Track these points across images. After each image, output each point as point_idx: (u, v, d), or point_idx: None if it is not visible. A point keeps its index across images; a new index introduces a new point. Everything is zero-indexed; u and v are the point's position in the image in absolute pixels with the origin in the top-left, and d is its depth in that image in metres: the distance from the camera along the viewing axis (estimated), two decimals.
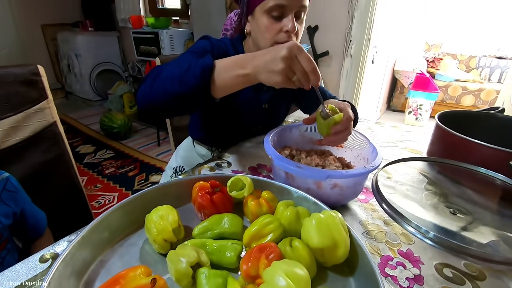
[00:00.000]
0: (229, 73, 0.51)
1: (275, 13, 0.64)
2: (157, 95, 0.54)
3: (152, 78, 0.55)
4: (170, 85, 0.52)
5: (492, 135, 0.67)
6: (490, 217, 0.50)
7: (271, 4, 0.63)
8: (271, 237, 0.41)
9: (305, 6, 0.66)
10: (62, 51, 3.55)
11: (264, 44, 0.69)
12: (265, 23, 0.66)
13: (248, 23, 0.72)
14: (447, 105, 3.39)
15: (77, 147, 2.52)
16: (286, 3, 0.63)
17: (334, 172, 0.46)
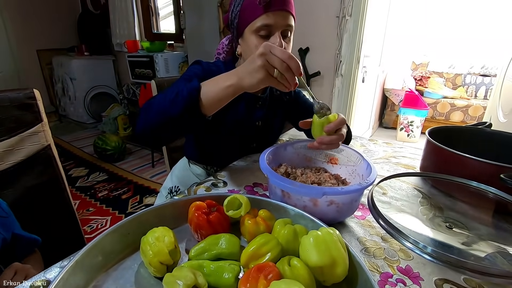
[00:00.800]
0: (215, 88, 0.54)
1: (263, 32, 0.69)
2: (152, 123, 0.57)
3: (144, 109, 0.59)
4: (163, 111, 0.55)
5: (481, 149, 0.69)
6: (486, 230, 0.50)
7: (259, 24, 0.68)
8: (269, 256, 0.40)
9: (291, 26, 0.71)
10: (57, 75, 3.58)
11: None
12: (254, 42, 0.70)
13: (239, 45, 0.76)
14: (437, 121, 3.47)
15: (70, 171, 2.49)
16: (273, 22, 0.67)
17: (330, 189, 0.46)
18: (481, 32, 3.58)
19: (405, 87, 3.51)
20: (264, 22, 0.67)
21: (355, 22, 1.97)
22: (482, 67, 3.64)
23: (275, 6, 0.66)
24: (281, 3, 0.67)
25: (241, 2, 0.70)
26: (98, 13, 3.63)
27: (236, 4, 0.71)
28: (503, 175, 0.52)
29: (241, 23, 0.71)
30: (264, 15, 0.67)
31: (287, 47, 0.72)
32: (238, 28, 0.73)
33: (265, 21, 0.67)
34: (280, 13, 0.67)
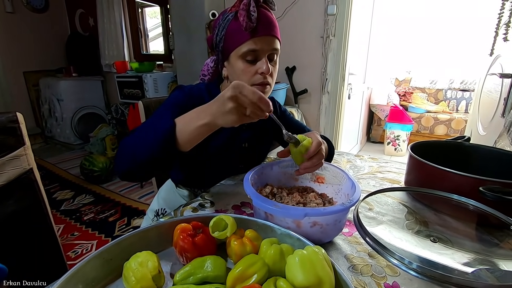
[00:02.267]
0: (190, 127, 0.54)
1: (249, 57, 0.69)
2: (130, 164, 0.57)
3: (120, 151, 0.59)
4: (139, 154, 0.55)
5: (462, 162, 0.71)
6: (469, 243, 0.51)
7: (245, 49, 0.68)
8: (255, 278, 0.40)
9: (277, 49, 0.72)
10: (44, 96, 3.54)
11: None
12: (241, 67, 0.70)
13: (225, 68, 0.76)
14: (422, 135, 3.57)
15: (54, 193, 2.41)
16: (259, 47, 0.68)
17: (312, 210, 0.46)
18: (459, 50, 3.78)
19: (390, 102, 3.62)
20: (250, 47, 0.67)
21: (338, 41, 2.05)
22: (461, 82, 3.81)
23: (261, 32, 0.67)
24: (267, 29, 0.68)
25: (226, 26, 0.70)
26: (87, 35, 3.67)
27: (221, 27, 0.71)
28: (482, 187, 0.53)
29: (227, 47, 0.71)
30: (250, 41, 0.67)
31: (274, 70, 0.73)
32: (223, 51, 0.73)
33: (251, 47, 0.67)
34: (266, 38, 0.68)
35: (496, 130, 1.36)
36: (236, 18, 0.68)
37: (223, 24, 0.71)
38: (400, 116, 3.23)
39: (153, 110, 1.05)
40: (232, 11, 0.69)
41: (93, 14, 3.42)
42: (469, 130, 2.02)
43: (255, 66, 0.70)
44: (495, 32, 1.56)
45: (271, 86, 0.75)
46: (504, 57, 1.52)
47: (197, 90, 0.79)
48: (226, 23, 0.70)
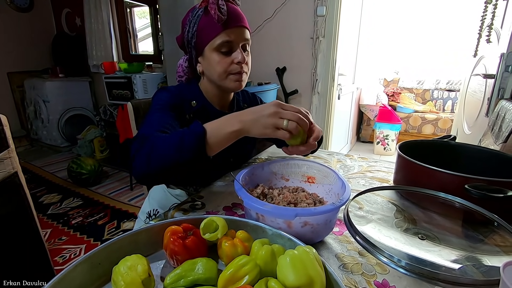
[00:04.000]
0: (220, 133, 0.56)
1: (224, 49, 0.72)
2: (157, 167, 0.55)
3: (146, 151, 0.56)
4: (169, 157, 0.55)
5: (448, 160, 0.72)
6: (456, 240, 0.52)
7: (219, 41, 0.70)
8: (247, 279, 0.40)
9: (248, 39, 0.76)
10: (29, 98, 3.45)
11: (218, 77, 0.75)
12: (217, 59, 0.73)
13: (199, 64, 0.78)
14: (410, 134, 3.64)
15: (41, 197, 2.35)
16: (232, 38, 0.71)
17: (302, 210, 0.46)
18: (445, 51, 3.87)
19: (379, 102, 3.68)
20: (224, 39, 0.70)
21: (328, 42, 2.07)
22: (447, 83, 3.90)
23: (233, 23, 0.70)
24: (237, 19, 0.71)
25: (197, 21, 0.72)
26: (73, 35, 3.59)
27: (192, 24, 0.73)
28: (467, 185, 0.55)
29: (200, 42, 0.73)
30: (223, 33, 0.70)
31: (248, 59, 0.77)
32: (196, 47, 0.75)
33: (225, 38, 0.70)
34: (238, 29, 0.71)
35: (481, 129, 1.40)
36: (206, 13, 0.70)
37: (194, 20, 0.73)
38: (389, 116, 3.29)
39: (142, 111, 1.04)
40: (202, 6, 0.71)
41: (80, 13, 3.35)
42: (455, 129, 2.07)
43: (230, 57, 0.73)
44: (478, 34, 1.60)
45: (247, 74, 0.79)
46: (487, 58, 1.57)
47: (180, 90, 0.80)
48: (197, 19, 0.72)
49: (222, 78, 0.75)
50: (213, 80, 0.78)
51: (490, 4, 1.47)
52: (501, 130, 1.05)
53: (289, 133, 0.54)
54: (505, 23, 1.36)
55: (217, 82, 0.77)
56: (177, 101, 0.76)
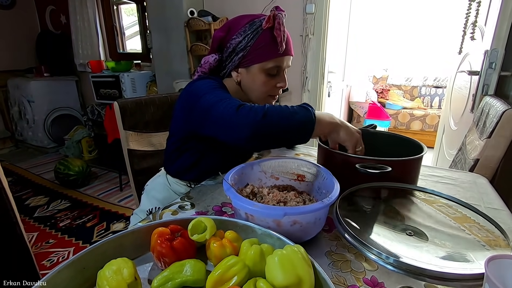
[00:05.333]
0: (324, 122, 0.64)
1: (273, 72, 0.76)
2: (271, 127, 0.60)
3: (262, 113, 0.59)
4: (285, 119, 0.60)
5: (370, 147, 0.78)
6: (443, 235, 0.53)
7: (271, 65, 0.74)
8: (235, 280, 0.39)
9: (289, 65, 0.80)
10: (13, 98, 3.36)
11: (258, 95, 0.80)
12: (263, 80, 0.76)
13: (238, 74, 0.79)
14: (399, 130, 3.69)
15: (27, 200, 2.29)
16: (283, 64, 0.76)
17: (291, 209, 0.46)
18: (432, 48, 3.94)
19: (369, 99, 3.72)
20: (276, 64, 0.74)
21: (317, 40, 2.08)
22: (434, 79, 3.97)
23: (288, 52, 0.75)
24: (291, 48, 0.77)
25: (255, 37, 0.73)
26: (58, 33, 3.50)
27: (248, 38, 0.73)
28: (358, 165, 0.62)
29: (251, 59, 0.74)
30: (277, 58, 0.73)
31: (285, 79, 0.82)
32: (244, 60, 0.75)
33: (277, 64, 0.74)
34: (288, 57, 0.76)
35: (466, 124, 1.43)
36: (267, 33, 0.72)
37: (251, 35, 0.73)
38: (378, 113, 3.33)
39: (130, 110, 1.02)
40: (266, 26, 0.71)
41: (64, 11, 3.26)
42: (442, 125, 2.11)
43: (274, 79, 0.77)
44: (463, 31, 1.63)
45: None
46: (472, 55, 1.60)
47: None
48: (255, 35, 0.73)
49: (261, 97, 0.80)
50: (248, 93, 0.81)
51: (474, 2, 1.50)
52: (485, 126, 1.07)
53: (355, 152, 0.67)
54: (489, 20, 1.39)
55: (252, 97, 0.81)
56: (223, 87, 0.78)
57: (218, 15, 2.27)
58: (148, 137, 1.09)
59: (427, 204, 0.63)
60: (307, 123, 0.61)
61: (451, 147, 1.77)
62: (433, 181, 0.84)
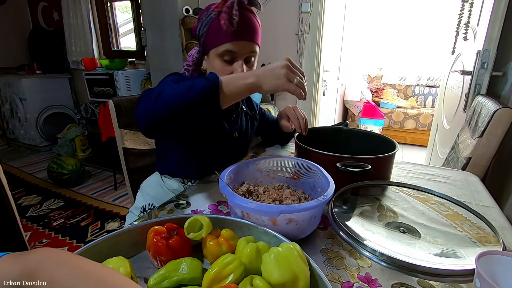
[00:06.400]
0: (235, 84, 0.59)
1: (227, 57, 0.72)
2: (165, 107, 0.57)
3: (153, 96, 0.57)
4: (179, 96, 0.56)
5: (343, 144, 0.84)
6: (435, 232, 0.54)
7: (222, 49, 0.70)
8: (232, 278, 0.40)
9: (255, 51, 0.74)
10: (4, 96, 3.30)
11: None
12: (218, 66, 0.73)
13: (205, 61, 0.78)
14: (393, 129, 3.72)
15: (20, 199, 2.26)
16: (236, 50, 0.70)
17: (287, 207, 0.47)
18: (425, 48, 3.97)
19: (363, 98, 3.74)
20: (228, 48, 0.70)
21: (313, 39, 2.09)
22: (428, 79, 4.02)
23: (241, 37, 0.69)
24: (247, 34, 0.70)
25: (208, 23, 0.71)
26: (51, 30, 3.45)
27: (204, 23, 0.72)
28: (338, 163, 0.63)
29: (207, 44, 0.73)
30: (228, 43, 0.69)
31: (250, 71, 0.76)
32: (204, 46, 0.75)
33: (229, 48, 0.70)
34: (244, 42, 0.71)
35: (459, 123, 1.45)
36: (218, 18, 0.69)
37: (206, 21, 0.72)
38: (372, 112, 3.36)
39: (125, 109, 1.01)
40: (215, 10, 0.70)
41: (57, 7, 3.21)
42: (435, 124, 2.14)
43: (231, 66, 0.73)
44: (456, 32, 1.65)
45: None
46: (464, 55, 1.62)
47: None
48: (209, 20, 0.71)
49: None
50: None
51: (466, 3, 1.52)
52: (477, 125, 1.09)
53: (298, 90, 0.59)
54: (481, 21, 1.41)
55: None
56: None
57: None
58: (143, 136, 1.08)
59: (420, 201, 0.64)
60: (207, 92, 0.56)
61: (444, 145, 1.80)
62: (426, 179, 0.85)
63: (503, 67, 1.34)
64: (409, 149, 3.46)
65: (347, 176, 0.63)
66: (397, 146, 0.73)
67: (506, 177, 1.13)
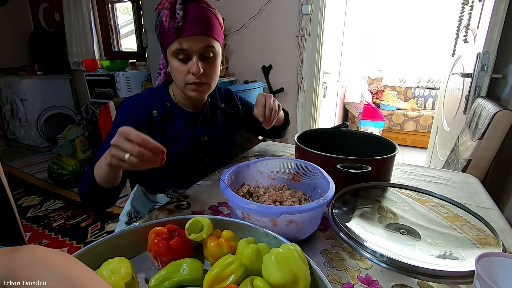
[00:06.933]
0: (101, 170, 0.57)
1: (181, 56, 0.68)
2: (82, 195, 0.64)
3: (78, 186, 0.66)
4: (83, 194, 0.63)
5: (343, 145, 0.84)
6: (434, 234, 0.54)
7: (173, 48, 0.67)
8: (232, 278, 0.40)
9: (212, 46, 0.69)
10: (4, 96, 3.31)
11: (178, 85, 0.73)
12: (175, 66, 0.70)
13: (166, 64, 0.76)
14: (393, 131, 3.73)
15: (20, 200, 2.26)
16: (187, 47, 0.66)
17: (288, 208, 0.47)
18: (425, 50, 3.98)
19: (363, 100, 3.75)
20: (178, 46, 0.66)
21: (313, 41, 2.09)
22: (428, 81, 4.02)
23: (188, 31, 0.65)
24: (195, 27, 0.65)
25: (159, 23, 0.68)
26: (52, 31, 3.46)
27: (157, 24, 0.69)
28: (339, 165, 0.63)
29: (162, 44, 0.71)
30: (176, 41, 0.66)
31: (210, 68, 0.71)
32: (161, 48, 0.73)
33: (178, 46, 0.66)
34: (194, 37, 0.66)
35: (459, 125, 1.45)
36: None
37: (158, 21, 0.69)
38: (373, 114, 3.36)
39: None
40: (159, 8, 0.66)
41: (58, 8, 3.22)
42: (435, 126, 2.14)
43: (186, 65, 0.69)
44: (456, 34, 1.66)
45: (210, 84, 0.74)
46: (464, 58, 1.63)
47: (143, 99, 0.77)
48: (160, 20, 0.67)
49: (181, 86, 0.72)
50: (176, 84, 0.76)
51: (467, 5, 1.52)
52: (477, 127, 1.09)
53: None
54: (481, 23, 1.42)
55: (179, 87, 0.75)
56: (135, 115, 0.74)
57: None
58: None
59: (420, 203, 0.64)
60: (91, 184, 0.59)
61: (444, 147, 1.80)
62: (426, 181, 0.85)
63: (503, 70, 1.35)
64: (409, 151, 3.46)
65: (347, 177, 0.63)
66: (397, 148, 0.73)
67: (506, 179, 1.13)
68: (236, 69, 2.42)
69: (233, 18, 2.29)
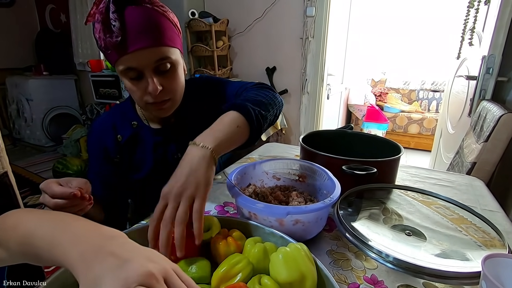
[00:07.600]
0: None
1: (131, 74, 0.56)
2: None
3: None
4: None
5: (348, 147, 0.83)
6: (440, 235, 0.54)
7: (120, 68, 0.55)
8: (240, 277, 0.40)
9: (166, 58, 0.56)
10: (11, 96, 3.35)
11: (140, 104, 0.64)
12: (128, 86, 0.58)
13: None
14: (396, 133, 3.72)
15: (25, 199, 2.28)
16: (136, 65, 0.54)
17: (294, 209, 0.47)
18: (430, 52, 3.98)
19: (367, 102, 3.74)
20: (124, 65, 0.54)
21: (317, 43, 2.10)
22: (432, 83, 4.01)
23: (133, 46, 0.52)
24: (140, 40, 0.52)
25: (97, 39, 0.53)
26: (58, 32, 3.50)
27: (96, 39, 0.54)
28: (344, 166, 0.63)
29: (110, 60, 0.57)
30: (120, 59, 0.53)
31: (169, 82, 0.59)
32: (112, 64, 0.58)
33: (125, 64, 0.54)
34: (143, 51, 0.53)
35: (464, 128, 1.45)
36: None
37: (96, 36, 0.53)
38: (376, 116, 3.36)
39: None
40: (89, 21, 0.52)
41: (65, 9, 3.26)
42: (440, 129, 2.13)
43: (142, 83, 0.57)
44: (461, 37, 1.66)
45: (174, 99, 0.63)
46: (469, 60, 1.62)
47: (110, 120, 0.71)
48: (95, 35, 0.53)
49: (142, 106, 0.63)
50: None
51: (472, 8, 1.52)
52: (482, 130, 1.09)
53: None
54: (486, 26, 1.42)
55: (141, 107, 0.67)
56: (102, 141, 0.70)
57: (219, 16, 2.28)
58: None
59: (425, 205, 0.64)
60: None
61: (448, 150, 1.79)
62: (431, 183, 0.85)
63: (508, 73, 1.35)
64: (413, 154, 3.45)
65: (352, 179, 0.64)
66: (402, 149, 0.73)
67: (511, 182, 1.12)
68: (240, 71, 2.44)
69: (237, 19, 2.30)
